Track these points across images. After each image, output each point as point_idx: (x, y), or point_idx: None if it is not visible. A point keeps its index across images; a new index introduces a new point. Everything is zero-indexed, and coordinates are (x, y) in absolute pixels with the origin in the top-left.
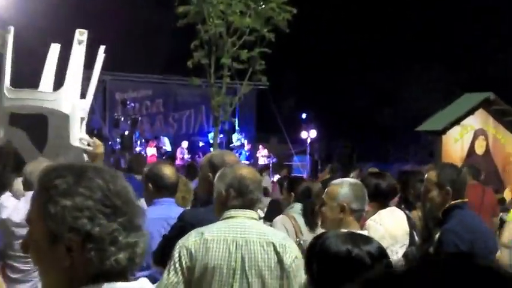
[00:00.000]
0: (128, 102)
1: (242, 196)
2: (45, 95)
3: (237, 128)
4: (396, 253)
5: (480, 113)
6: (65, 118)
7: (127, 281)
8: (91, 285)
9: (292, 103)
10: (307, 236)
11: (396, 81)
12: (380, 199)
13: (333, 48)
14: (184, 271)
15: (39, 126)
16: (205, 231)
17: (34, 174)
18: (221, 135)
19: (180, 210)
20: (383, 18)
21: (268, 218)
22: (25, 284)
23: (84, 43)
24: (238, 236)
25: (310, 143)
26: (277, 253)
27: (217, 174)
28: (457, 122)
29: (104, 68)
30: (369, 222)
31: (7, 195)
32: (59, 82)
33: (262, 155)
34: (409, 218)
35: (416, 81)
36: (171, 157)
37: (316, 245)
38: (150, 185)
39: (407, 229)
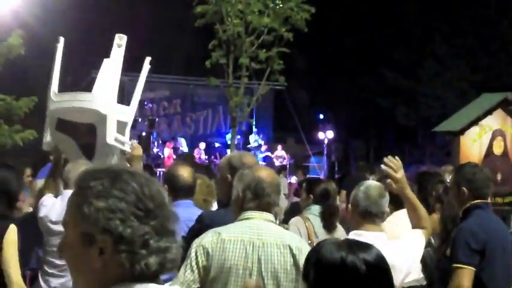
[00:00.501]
0: (145, 103)
1: (258, 198)
2: (85, 95)
3: (254, 128)
4: None
5: (498, 113)
6: (103, 119)
7: (159, 284)
8: (122, 286)
9: (309, 103)
10: (324, 238)
11: (414, 81)
12: (395, 201)
13: (351, 48)
14: (200, 270)
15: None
16: (222, 231)
17: (72, 173)
18: (238, 136)
19: (198, 212)
20: (402, 17)
21: (288, 220)
22: (61, 279)
23: (123, 47)
24: (255, 237)
25: (327, 144)
26: (293, 256)
27: (236, 176)
28: (475, 122)
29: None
30: (384, 223)
31: (49, 195)
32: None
33: (278, 156)
34: None
35: (434, 81)
36: (190, 156)
37: (313, 253)
38: (165, 186)
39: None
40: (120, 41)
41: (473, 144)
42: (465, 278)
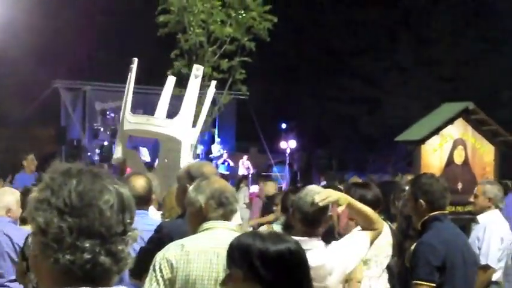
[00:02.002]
0: (108, 113)
1: (223, 207)
2: (161, 121)
3: (216, 138)
4: (381, 264)
5: (459, 123)
6: (177, 143)
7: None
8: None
9: (272, 113)
10: None
11: (376, 91)
12: None
13: (314, 57)
14: (166, 282)
15: None
16: (185, 243)
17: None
18: (202, 147)
19: (154, 221)
20: (364, 27)
21: None
22: None
23: (200, 78)
24: (220, 247)
25: (289, 153)
26: None
27: (192, 187)
28: (436, 131)
29: (84, 78)
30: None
31: None
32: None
33: (244, 165)
34: (391, 229)
35: (397, 91)
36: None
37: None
38: None
39: (391, 240)
40: (197, 72)
41: (434, 154)
42: None
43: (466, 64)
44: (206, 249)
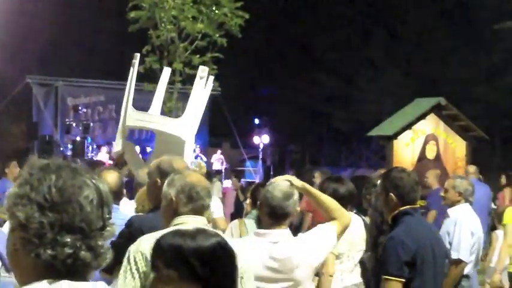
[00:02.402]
0: (80, 108)
1: (192, 202)
2: (166, 120)
3: None
4: (353, 258)
5: (431, 118)
6: (179, 142)
7: (84, 281)
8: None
9: (245, 108)
10: None
11: (348, 87)
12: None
13: (286, 52)
14: (141, 275)
15: None
16: (157, 237)
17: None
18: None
19: (124, 216)
20: (337, 23)
21: None
22: None
23: (205, 79)
24: None
25: (262, 148)
26: None
27: (167, 181)
28: (408, 126)
29: (56, 73)
30: None
31: None
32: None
33: (218, 159)
34: (365, 224)
35: (370, 86)
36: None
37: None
38: None
39: (364, 235)
40: (202, 73)
41: (407, 149)
42: None
43: (437, 60)
44: None
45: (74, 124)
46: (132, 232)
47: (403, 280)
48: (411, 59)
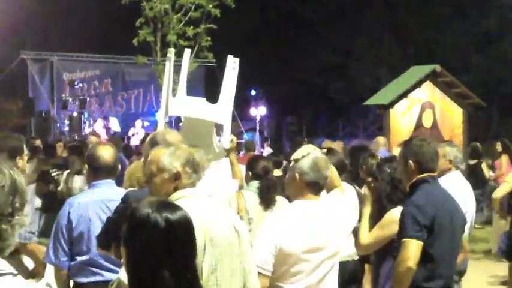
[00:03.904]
0: (76, 83)
1: (197, 173)
2: (205, 107)
3: None
4: (346, 227)
5: (427, 86)
6: (208, 125)
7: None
8: None
9: (241, 80)
10: (260, 214)
11: (343, 57)
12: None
13: (281, 22)
14: None
15: None
16: None
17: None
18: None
19: (121, 191)
20: None
21: None
22: None
23: (237, 69)
24: (202, 215)
25: (259, 120)
26: (236, 230)
27: (166, 154)
28: (404, 95)
29: (51, 48)
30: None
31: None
32: None
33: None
34: (358, 194)
35: (365, 55)
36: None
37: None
38: (87, 167)
39: (358, 205)
40: (234, 64)
41: (403, 117)
42: (413, 250)
43: (432, 28)
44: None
45: (70, 99)
46: (127, 207)
47: (422, 242)
48: (405, 27)
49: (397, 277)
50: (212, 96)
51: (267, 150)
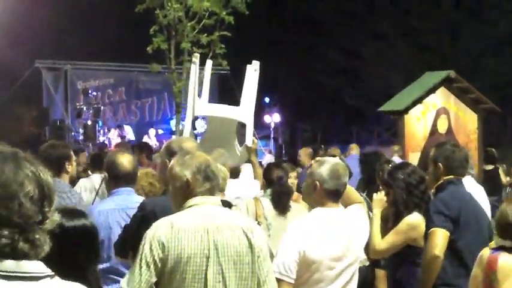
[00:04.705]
0: (90, 91)
1: (209, 181)
2: (232, 108)
3: None
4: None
5: (442, 91)
6: (231, 127)
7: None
8: None
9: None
10: (275, 220)
11: (357, 62)
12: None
13: (294, 29)
14: (157, 263)
15: None
16: (174, 221)
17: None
18: (183, 122)
19: (140, 199)
20: None
21: None
22: None
23: (258, 71)
24: (209, 223)
25: (274, 127)
26: (246, 237)
27: (176, 161)
28: (418, 101)
29: (65, 57)
30: None
31: None
32: None
33: None
34: (369, 204)
35: (379, 60)
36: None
37: None
38: (106, 175)
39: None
40: (255, 67)
41: (418, 123)
42: (440, 238)
43: (445, 33)
44: (196, 227)
45: (85, 108)
46: (145, 215)
47: (448, 232)
48: (419, 32)
49: (424, 266)
50: (226, 103)
51: (268, 158)
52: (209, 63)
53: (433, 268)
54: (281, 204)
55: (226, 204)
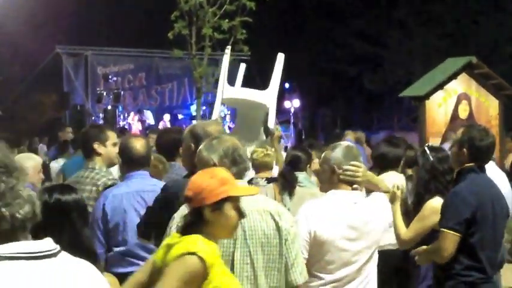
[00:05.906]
0: (110, 77)
1: (236, 165)
2: (257, 93)
3: None
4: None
5: (463, 77)
6: (260, 112)
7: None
8: None
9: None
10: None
11: (378, 49)
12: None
13: (314, 15)
14: None
15: None
16: None
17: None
18: (204, 107)
19: (155, 182)
20: None
21: None
22: None
23: (282, 63)
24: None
25: (293, 112)
26: (274, 221)
27: (204, 145)
28: (440, 86)
29: (85, 42)
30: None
31: None
32: None
33: None
34: None
35: (399, 47)
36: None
37: None
38: (120, 159)
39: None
40: (280, 59)
41: (439, 109)
42: (450, 243)
43: (467, 20)
44: None
45: (105, 93)
46: (167, 197)
47: (460, 235)
48: (440, 19)
49: (432, 256)
50: (247, 88)
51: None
52: (242, 67)
53: (440, 261)
54: (287, 187)
55: (272, 180)
